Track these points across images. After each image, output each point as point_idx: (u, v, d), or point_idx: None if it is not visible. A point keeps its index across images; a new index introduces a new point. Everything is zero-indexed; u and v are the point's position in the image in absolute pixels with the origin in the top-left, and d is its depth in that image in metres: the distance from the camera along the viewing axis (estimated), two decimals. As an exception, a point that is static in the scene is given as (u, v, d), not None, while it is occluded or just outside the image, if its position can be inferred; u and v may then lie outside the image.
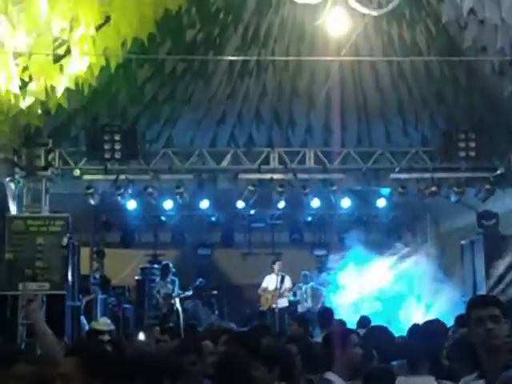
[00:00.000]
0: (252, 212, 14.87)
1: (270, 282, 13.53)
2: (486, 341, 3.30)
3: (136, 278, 15.51)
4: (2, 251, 10.88)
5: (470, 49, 9.78)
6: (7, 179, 11.25)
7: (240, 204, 13.35)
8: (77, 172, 11.90)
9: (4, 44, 7.27)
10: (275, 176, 12.43)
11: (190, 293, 14.26)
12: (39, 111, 9.05)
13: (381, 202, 13.86)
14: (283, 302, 13.49)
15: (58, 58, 7.71)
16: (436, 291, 12.31)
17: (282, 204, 13.47)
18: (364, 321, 9.10)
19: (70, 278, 11.31)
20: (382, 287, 13.33)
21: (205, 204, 13.68)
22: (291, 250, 16.04)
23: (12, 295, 10.61)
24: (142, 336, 8.92)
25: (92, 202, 12.09)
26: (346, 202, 13.48)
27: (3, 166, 11.13)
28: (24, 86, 7.93)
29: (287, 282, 13.49)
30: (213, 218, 15.59)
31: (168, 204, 13.29)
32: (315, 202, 13.25)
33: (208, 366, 4.60)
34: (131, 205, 12.96)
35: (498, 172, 12.25)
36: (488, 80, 10.87)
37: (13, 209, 11.40)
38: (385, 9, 8.45)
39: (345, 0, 7.77)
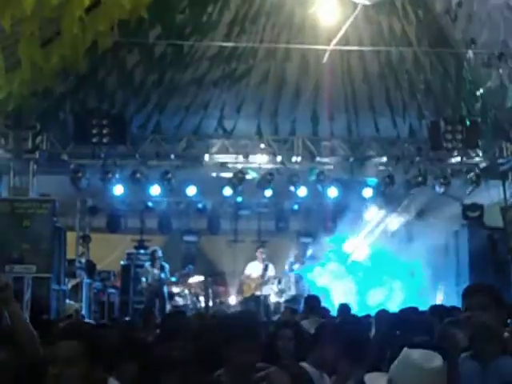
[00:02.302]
0: (239, 199, 14.88)
1: (253, 268, 13.52)
2: (470, 328, 3.37)
3: (122, 263, 15.50)
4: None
5: (459, 41, 9.82)
6: (-6, 161, 11.21)
7: (227, 191, 13.36)
8: (64, 156, 11.86)
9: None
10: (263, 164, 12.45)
11: (176, 279, 14.30)
12: (27, 93, 9.00)
13: (367, 192, 13.90)
14: (267, 290, 13.52)
15: (46, 40, 7.66)
16: (419, 279, 12.43)
17: (269, 192, 13.49)
18: (344, 308, 9.18)
19: (55, 261, 11.30)
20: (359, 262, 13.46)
21: (192, 191, 13.67)
22: (277, 238, 16.08)
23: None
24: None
25: (79, 186, 12.07)
26: (332, 192, 13.52)
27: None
28: (12, 67, 7.88)
29: (271, 271, 13.51)
30: (200, 205, 15.58)
31: (155, 190, 13.27)
32: (302, 191, 13.28)
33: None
34: (118, 190, 12.93)
35: (484, 164, 12.35)
36: (476, 72, 10.93)
37: (-1, 191, 11.38)
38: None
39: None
